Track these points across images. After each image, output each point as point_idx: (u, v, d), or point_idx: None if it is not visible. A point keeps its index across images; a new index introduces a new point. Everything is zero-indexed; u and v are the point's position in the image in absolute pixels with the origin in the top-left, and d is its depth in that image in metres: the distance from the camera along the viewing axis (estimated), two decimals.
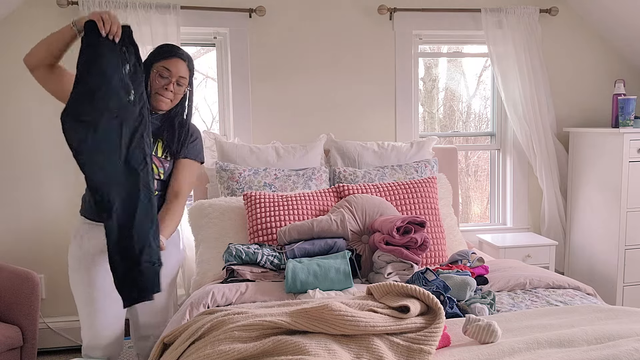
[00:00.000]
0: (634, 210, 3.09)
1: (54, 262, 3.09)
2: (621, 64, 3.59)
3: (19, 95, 2.99)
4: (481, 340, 1.54)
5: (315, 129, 3.28)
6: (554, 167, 3.44)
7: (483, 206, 4.03)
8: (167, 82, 2.01)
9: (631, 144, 3.04)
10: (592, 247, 3.31)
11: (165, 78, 2.00)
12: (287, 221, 2.50)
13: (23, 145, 3.02)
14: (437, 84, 3.82)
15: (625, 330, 1.55)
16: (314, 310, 1.51)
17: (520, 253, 3.21)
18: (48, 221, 3.07)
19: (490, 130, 3.68)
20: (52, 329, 3.09)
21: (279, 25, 3.22)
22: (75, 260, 2.03)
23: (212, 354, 1.41)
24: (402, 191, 2.69)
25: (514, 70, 3.32)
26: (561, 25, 3.50)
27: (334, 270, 2.08)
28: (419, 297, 1.59)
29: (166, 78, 2.00)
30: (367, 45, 3.32)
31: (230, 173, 2.80)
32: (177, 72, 2.01)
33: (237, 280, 2.22)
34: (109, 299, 1.98)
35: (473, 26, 3.36)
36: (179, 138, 2.11)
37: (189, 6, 3.04)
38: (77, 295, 2.05)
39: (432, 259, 2.54)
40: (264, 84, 3.23)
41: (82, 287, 2.02)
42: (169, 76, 2.00)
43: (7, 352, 2.44)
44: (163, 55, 2.02)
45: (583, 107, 3.58)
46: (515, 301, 2.04)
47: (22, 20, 2.95)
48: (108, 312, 2.02)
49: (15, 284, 2.56)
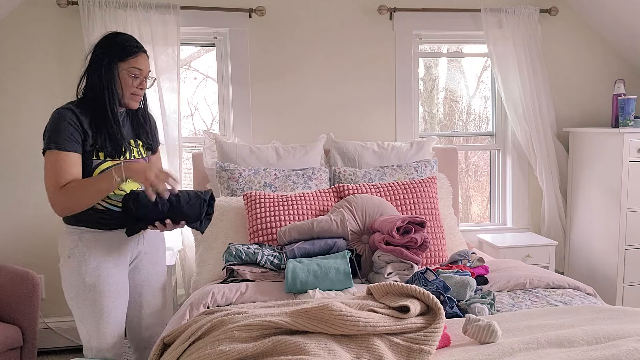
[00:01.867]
0: (634, 210, 3.09)
1: (54, 262, 3.09)
2: (621, 64, 3.59)
3: (19, 95, 2.99)
4: (481, 340, 1.54)
5: (315, 129, 3.28)
6: (554, 167, 3.44)
7: (483, 206, 4.03)
8: (140, 82, 1.93)
9: (631, 144, 3.04)
10: (592, 247, 3.31)
11: (136, 77, 1.92)
12: (287, 221, 2.50)
13: (23, 145, 3.02)
14: (437, 84, 3.82)
15: (625, 330, 1.55)
16: (314, 310, 1.51)
17: (520, 253, 3.21)
18: (48, 221, 3.07)
19: (490, 130, 3.68)
20: (52, 329, 3.09)
21: (279, 25, 3.22)
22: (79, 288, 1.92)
23: (212, 354, 1.41)
24: (402, 191, 2.69)
25: (514, 70, 3.32)
26: (561, 25, 3.50)
27: (334, 270, 2.08)
28: (419, 297, 1.59)
29: (137, 77, 1.92)
30: (367, 45, 3.32)
31: (230, 173, 2.80)
32: (146, 69, 1.95)
33: (237, 280, 2.22)
34: (116, 300, 1.97)
35: (473, 26, 3.36)
36: (151, 133, 2.10)
37: (189, 6, 3.04)
38: (81, 313, 1.95)
39: (432, 259, 2.54)
40: (264, 84, 3.24)
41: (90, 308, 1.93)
42: (140, 75, 1.92)
43: (7, 352, 2.44)
44: (129, 53, 1.89)
45: (583, 107, 3.59)
46: (515, 301, 2.04)
47: (22, 20, 2.96)
48: (116, 314, 1.99)
49: (16, 284, 2.56)
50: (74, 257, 1.91)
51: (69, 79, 3.02)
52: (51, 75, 3.01)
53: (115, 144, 1.91)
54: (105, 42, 1.91)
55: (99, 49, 1.90)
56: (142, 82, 1.94)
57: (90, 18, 2.86)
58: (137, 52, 1.91)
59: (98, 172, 1.87)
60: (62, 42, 3.00)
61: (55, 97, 2.99)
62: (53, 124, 1.85)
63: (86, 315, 1.94)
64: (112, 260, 1.96)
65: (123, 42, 1.89)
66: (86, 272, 1.90)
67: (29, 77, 3.00)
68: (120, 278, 1.98)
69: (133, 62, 1.89)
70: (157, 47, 2.96)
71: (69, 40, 3.00)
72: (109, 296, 1.94)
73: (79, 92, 1.95)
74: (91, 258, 1.91)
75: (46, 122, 1.90)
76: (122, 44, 1.89)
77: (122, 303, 2.00)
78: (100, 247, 1.93)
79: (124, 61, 1.88)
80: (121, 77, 1.89)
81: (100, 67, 1.87)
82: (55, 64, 3.01)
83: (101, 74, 1.87)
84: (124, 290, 2.00)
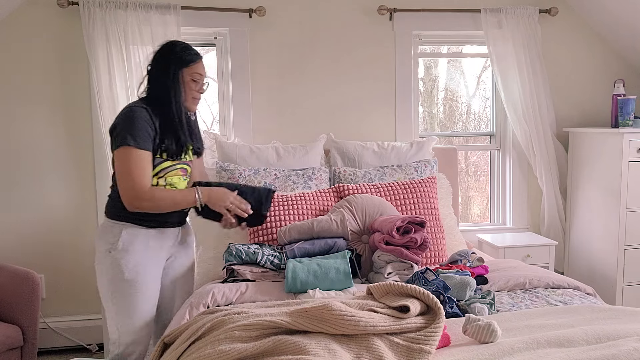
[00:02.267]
0: (633, 210, 3.09)
1: (54, 262, 3.10)
2: (621, 64, 3.60)
3: (19, 95, 2.99)
4: (481, 340, 1.54)
5: (315, 129, 3.28)
6: (553, 167, 3.44)
7: (483, 206, 4.04)
8: (201, 85, 2.08)
9: (631, 144, 3.04)
10: (591, 247, 3.31)
11: (197, 82, 2.07)
12: (287, 221, 2.50)
13: (24, 145, 3.01)
14: (437, 84, 3.83)
15: (625, 330, 1.56)
16: (314, 310, 1.51)
17: (520, 253, 3.21)
18: (49, 221, 3.07)
19: (490, 130, 3.68)
20: (52, 328, 3.09)
21: (279, 26, 3.22)
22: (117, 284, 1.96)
23: (212, 354, 1.41)
24: (402, 191, 2.69)
25: (514, 70, 3.32)
26: (561, 25, 3.50)
27: (334, 270, 2.09)
28: (419, 297, 1.59)
29: (198, 82, 2.07)
30: (367, 45, 3.32)
31: (231, 173, 2.80)
32: (205, 73, 2.10)
33: (237, 280, 2.22)
34: (152, 298, 2.04)
35: (473, 26, 3.36)
36: (199, 136, 2.21)
37: (189, 6, 3.04)
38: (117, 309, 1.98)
39: (432, 258, 2.54)
40: (264, 84, 3.24)
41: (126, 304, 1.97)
42: (200, 79, 2.08)
43: (8, 352, 2.44)
44: (191, 60, 2.04)
45: (583, 107, 3.59)
46: (515, 301, 2.04)
47: (22, 20, 2.96)
48: (151, 310, 2.05)
49: (16, 284, 2.56)
50: (116, 251, 1.95)
51: (69, 79, 3.02)
52: (51, 76, 3.01)
53: (179, 145, 2.03)
54: (167, 50, 2.04)
55: (162, 57, 2.03)
56: (202, 86, 2.09)
57: (90, 18, 2.87)
58: (198, 59, 2.06)
59: (157, 170, 1.98)
60: (62, 42, 3.00)
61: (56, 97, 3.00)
62: (129, 120, 1.91)
63: (121, 311, 1.98)
64: (151, 257, 2.02)
65: (185, 50, 2.04)
66: (126, 267, 1.95)
67: (29, 77, 3.00)
68: (157, 275, 2.06)
69: (195, 68, 2.04)
70: None
71: (69, 40, 3.00)
72: (146, 293, 1.99)
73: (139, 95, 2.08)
74: (132, 254, 1.96)
75: (46, 122, 1.90)
76: (184, 51, 2.03)
77: (155, 301, 2.06)
78: (141, 244, 1.99)
79: (188, 67, 2.03)
80: (185, 82, 2.03)
81: (167, 74, 2.00)
82: (55, 64, 3.01)
83: (168, 80, 1.99)
84: (158, 288, 2.07)
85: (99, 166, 3.05)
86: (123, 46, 2.90)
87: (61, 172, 3.06)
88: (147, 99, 2.03)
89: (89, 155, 3.07)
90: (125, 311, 1.98)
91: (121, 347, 2.01)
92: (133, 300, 1.97)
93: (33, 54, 2.98)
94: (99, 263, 1.99)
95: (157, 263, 2.06)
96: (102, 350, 3.11)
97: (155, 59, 2.04)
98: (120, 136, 1.89)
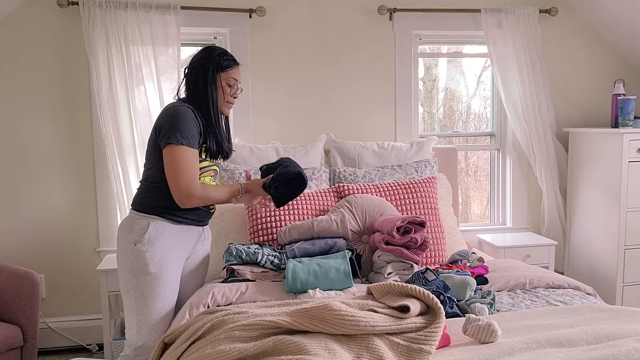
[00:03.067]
0: (633, 210, 3.09)
1: (54, 262, 3.10)
2: (621, 64, 3.60)
3: (19, 95, 2.99)
4: (481, 340, 1.54)
5: (315, 129, 3.28)
6: (553, 167, 3.44)
7: (483, 206, 4.03)
8: (235, 90, 2.14)
9: (631, 144, 3.04)
10: (591, 247, 3.31)
11: (232, 87, 2.12)
12: (287, 221, 2.50)
13: (24, 145, 3.02)
14: (437, 84, 3.82)
15: (625, 330, 1.56)
16: (314, 310, 1.51)
17: (520, 253, 3.21)
18: (48, 221, 3.08)
19: (490, 130, 3.68)
20: (52, 328, 3.09)
21: (279, 26, 3.22)
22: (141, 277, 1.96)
23: (212, 354, 1.41)
24: (402, 191, 2.69)
25: (514, 70, 3.32)
26: (561, 25, 3.51)
27: (334, 270, 2.09)
28: (419, 297, 1.59)
29: (233, 86, 2.13)
30: (367, 45, 3.32)
31: (231, 173, 2.80)
32: (239, 79, 2.16)
33: (237, 280, 2.22)
34: (173, 294, 2.05)
35: (473, 26, 3.36)
36: (230, 139, 2.23)
37: (189, 6, 3.04)
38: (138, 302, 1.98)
39: (432, 258, 2.54)
40: (264, 84, 3.24)
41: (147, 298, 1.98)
42: (235, 84, 2.13)
43: (8, 352, 2.44)
44: (228, 65, 2.09)
45: (583, 107, 3.59)
46: (515, 301, 2.04)
47: (22, 20, 2.96)
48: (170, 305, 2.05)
49: (16, 284, 2.56)
50: (142, 244, 1.96)
51: (69, 79, 3.03)
52: (51, 75, 3.01)
53: (219, 147, 2.09)
54: (205, 56, 2.09)
55: (200, 61, 2.08)
56: (236, 90, 2.15)
57: (90, 18, 2.87)
58: (235, 64, 2.13)
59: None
60: (62, 42, 3.00)
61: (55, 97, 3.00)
62: (179, 119, 1.94)
63: (142, 305, 1.97)
64: (175, 253, 2.04)
65: (222, 56, 2.10)
66: (152, 260, 1.95)
67: (29, 77, 3.00)
68: (178, 271, 2.07)
69: (231, 73, 2.11)
70: (158, 47, 2.96)
71: (69, 40, 3.00)
72: (168, 287, 2.00)
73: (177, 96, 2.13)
74: (158, 248, 1.97)
75: (46, 122, 1.90)
76: (220, 57, 2.09)
77: (174, 297, 2.06)
78: (167, 239, 2.00)
79: (224, 72, 2.09)
80: (221, 86, 2.10)
81: (205, 78, 2.06)
82: (55, 64, 3.01)
83: (206, 84, 2.05)
84: (177, 285, 2.08)
85: (99, 166, 3.05)
86: (123, 46, 2.90)
87: (61, 172, 3.06)
88: (187, 101, 2.07)
89: (89, 155, 3.07)
90: (146, 307, 1.97)
91: (140, 342, 1.99)
92: (154, 295, 1.97)
93: (33, 54, 2.98)
94: (122, 255, 2.00)
95: (179, 260, 2.07)
96: (102, 350, 3.11)
97: (193, 63, 2.10)
98: (168, 135, 1.92)
